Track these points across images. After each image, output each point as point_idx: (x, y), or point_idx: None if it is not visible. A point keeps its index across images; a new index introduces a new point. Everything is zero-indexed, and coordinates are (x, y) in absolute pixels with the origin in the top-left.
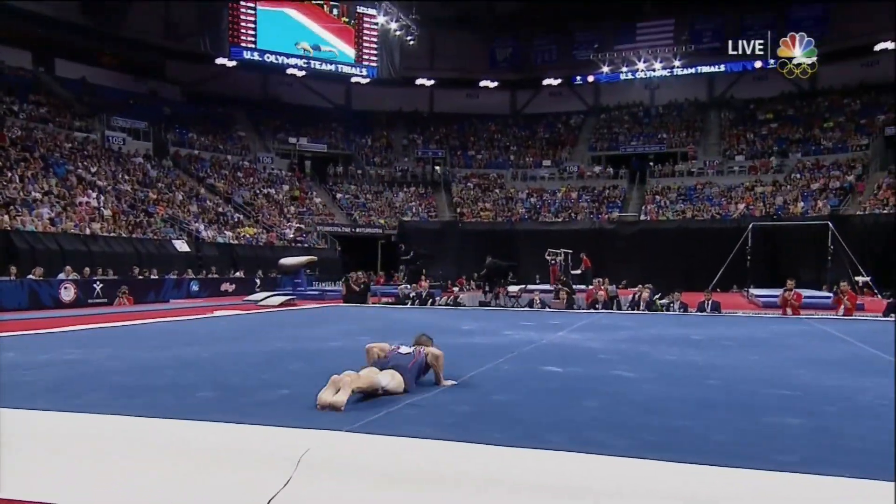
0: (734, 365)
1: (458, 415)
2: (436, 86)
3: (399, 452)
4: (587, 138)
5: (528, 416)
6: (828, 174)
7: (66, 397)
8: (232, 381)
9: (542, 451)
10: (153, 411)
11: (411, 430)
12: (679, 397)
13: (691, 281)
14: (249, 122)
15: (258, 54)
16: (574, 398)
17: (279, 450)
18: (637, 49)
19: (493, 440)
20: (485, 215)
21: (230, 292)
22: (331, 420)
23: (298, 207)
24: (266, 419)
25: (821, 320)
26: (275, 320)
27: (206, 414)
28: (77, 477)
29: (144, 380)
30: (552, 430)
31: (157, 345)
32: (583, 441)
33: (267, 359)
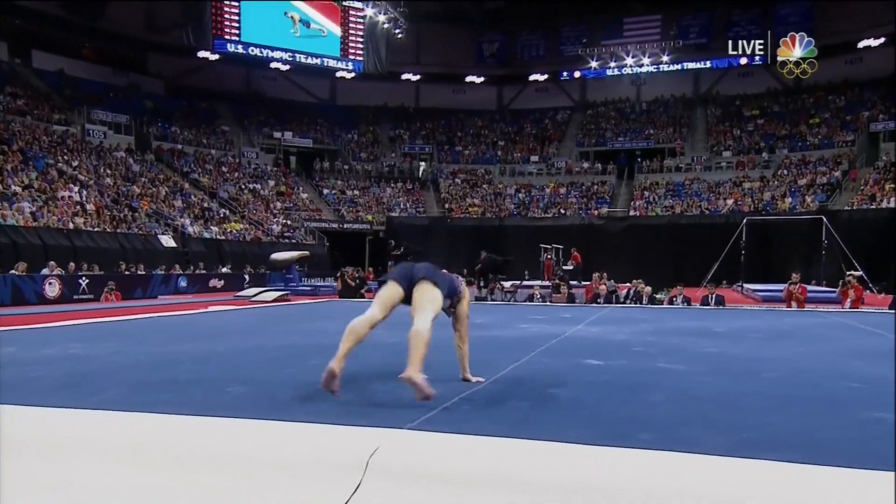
0: (782, 357)
1: (522, 410)
2: (422, 81)
3: (476, 451)
4: (574, 134)
5: (600, 412)
6: (814, 170)
7: (84, 394)
8: (258, 376)
9: (642, 452)
10: (186, 408)
11: (477, 427)
12: (749, 391)
13: (681, 276)
14: (233, 117)
15: (242, 47)
16: (636, 392)
17: (340, 449)
18: (624, 45)
19: (575, 438)
20: (473, 211)
21: (219, 288)
22: (384, 417)
23: (285, 203)
24: (312, 416)
25: (832, 313)
26: (276, 315)
27: (244, 411)
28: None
29: (164, 374)
30: (637, 428)
31: (165, 339)
32: (678, 440)
33: (285, 353)
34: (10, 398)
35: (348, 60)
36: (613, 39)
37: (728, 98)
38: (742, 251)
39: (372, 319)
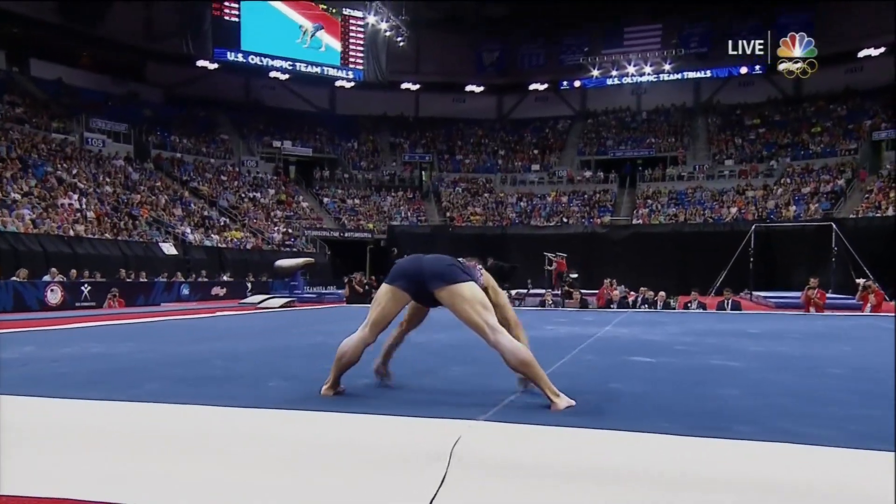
0: (836, 355)
1: (591, 403)
2: (421, 90)
3: (559, 441)
4: (575, 143)
5: (679, 405)
6: (818, 178)
7: (120, 388)
8: (296, 372)
9: (753, 443)
10: (236, 401)
11: (551, 418)
12: (825, 387)
13: (686, 284)
14: (232, 126)
15: (242, 56)
16: (706, 387)
17: (417, 440)
18: (624, 53)
19: (666, 429)
20: (475, 219)
21: (221, 296)
22: (450, 410)
23: (285, 211)
24: (374, 408)
25: (857, 316)
26: (291, 319)
27: (297, 403)
28: (197, 476)
29: (198, 371)
30: (729, 420)
31: (186, 340)
32: (780, 431)
33: (315, 351)
34: (43, 391)
35: (348, 69)
36: (614, 48)
37: (729, 107)
38: (750, 258)
39: (364, 342)
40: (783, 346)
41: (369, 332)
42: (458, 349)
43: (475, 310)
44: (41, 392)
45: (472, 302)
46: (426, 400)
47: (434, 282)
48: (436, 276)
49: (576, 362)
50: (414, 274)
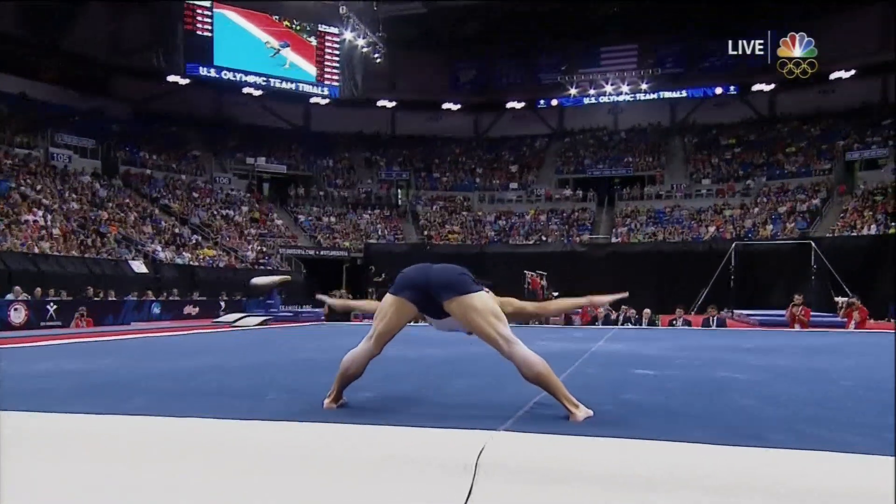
0: (840, 368)
1: (609, 413)
2: (398, 108)
3: (590, 453)
4: (553, 161)
5: (702, 415)
6: (794, 197)
7: (109, 402)
8: (294, 385)
9: (794, 452)
10: (237, 414)
11: (573, 429)
12: (843, 396)
13: (665, 302)
14: (204, 142)
15: (215, 71)
16: (721, 397)
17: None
18: (602, 73)
19: (697, 438)
20: (453, 238)
21: (194, 315)
22: (470, 420)
23: (259, 229)
24: (388, 420)
25: (844, 333)
26: (273, 336)
27: (303, 415)
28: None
29: (186, 385)
30: (759, 428)
31: (164, 356)
32: (819, 439)
33: (307, 365)
34: (26, 406)
35: (323, 86)
36: (590, 68)
37: (704, 127)
38: (731, 276)
39: (369, 355)
40: (784, 360)
41: (374, 344)
42: (456, 363)
43: (488, 321)
44: (24, 407)
45: (485, 313)
46: (438, 413)
47: (444, 293)
48: (445, 287)
49: (579, 375)
50: (422, 284)
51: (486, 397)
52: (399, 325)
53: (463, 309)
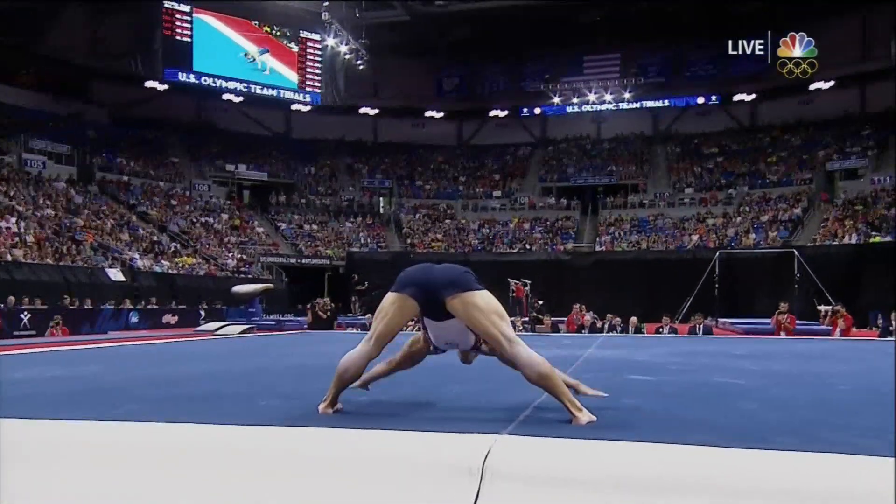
0: (835, 373)
1: (611, 417)
2: (380, 115)
3: (598, 456)
4: (536, 169)
5: (706, 418)
6: (776, 206)
7: (98, 408)
8: (287, 391)
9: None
10: (234, 419)
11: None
12: (843, 400)
13: (649, 311)
14: (183, 148)
15: (194, 77)
16: (722, 401)
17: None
18: (585, 81)
19: (703, 441)
20: (436, 246)
21: (173, 324)
22: (471, 424)
23: (239, 237)
24: (388, 425)
25: (831, 340)
26: (256, 344)
27: (301, 420)
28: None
29: (177, 391)
30: (767, 432)
31: (150, 363)
32: (829, 442)
33: (299, 372)
34: (12, 413)
35: (305, 92)
36: (574, 76)
37: (687, 136)
38: (716, 285)
39: (368, 357)
40: (778, 365)
41: (373, 345)
42: (448, 369)
43: (490, 320)
44: (10, 414)
45: (488, 312)
46: (438, 417)
47: (446, 289)
48: (448, 284)
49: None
50: (424, 281)
51: (484, 403)
52: (400, 324)
53: (465, 306)
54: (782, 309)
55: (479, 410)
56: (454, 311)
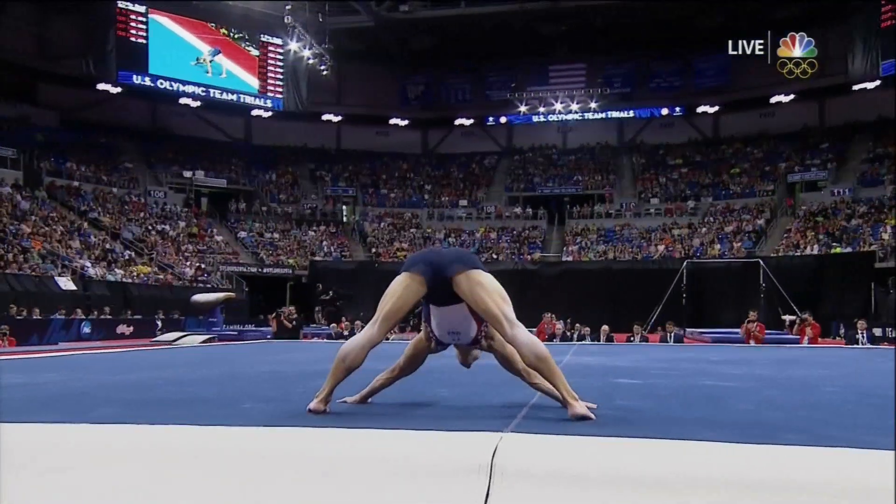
0: (819, 376)
1: (610, 417)
2: (344, 122)
3: (605, 453)
4: (503, 179)
5: (706, 417)
6: (739, 217)
7: (71, 412)
8: (268, 395)
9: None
10: (221, 421)
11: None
12: (837, 401)
13: (617, 320)
14: (138, 153)
15: (150, 80)
16: (719, 402)
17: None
18: (550, 91)
19: (710, 438)
20: (402, 255)
21: (128, 335)
22: (470, 423)
23: (197, 245)
24: (384, 424)
25: (802, 348)
26: (222, 352)
27: (291, 421)
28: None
29: (152, 395)
30: (770, 429)
31: (115, 370)
32: (835, 439)
33: (275, 377)
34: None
35: (266, 98)
36: (539, 86)
37: (652, 147)
38: (683, 294)
39: (371, 342)
40: (760, 370)
41: (378, 328)
42: (435, 373)
43: (493, 300)
44: None
45: (491, 291)
46: (437, 417)
47: (454, 265)
48: (456, 260)
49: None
50: (432, 258)
51: (477, 404)
52: (407, 304)
53: (471, 283)
54: (751, 318)
55: (474, 411)
56: (459, 288)
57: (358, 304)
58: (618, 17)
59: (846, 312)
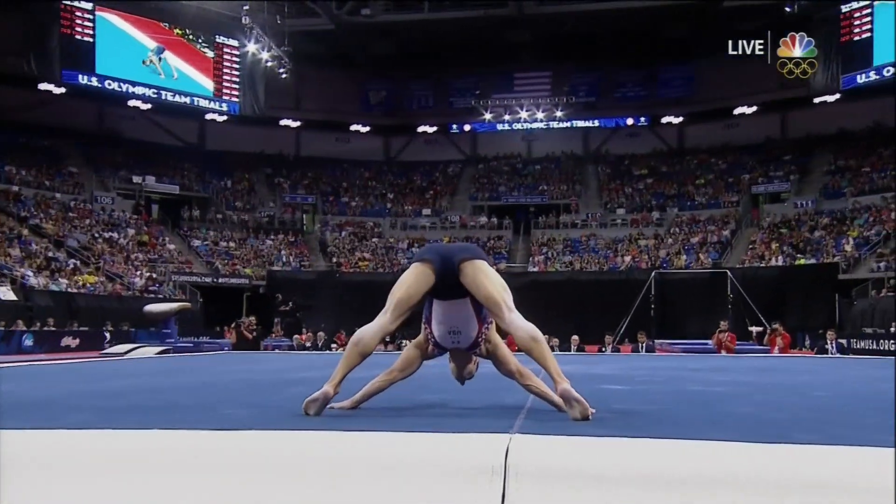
0: (803, 382)
1: (612, 420)
2: (303, 127)
3: (617, 452)
4: (467, 188)
5: (709, 418)
6: (705, 228)
7: (41, 419)
8: (248, 401)
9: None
10: (203, 426)
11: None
12: (834, 404)
13: (584, 331)
14: (83, 158)
15: (97, 80)
16: (720, 405)
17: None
18: (515, 99)
19: (722, 437)
20: (363, 265)
21: (74, 347)
22: (472, 424)
23: (148, 254)
24: (385, 427)
25: (775, 357)
26: (185, 363)
27: (277, 424)
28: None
29: (126, 402)
30: (782, 429)
31: (78, 379)
32: (846, 438)
33: (249, 385)
34: None
35: (222, 101)
36: (504, 93)
37: (617, 157)
38: (651, 305)
39: (383, 329)
40: (744, 377)
41: (391, 315)
42: (420, 380)
43: (495, 287)
44: None
45: (494, 280)
46: (435, 418)
47: (462, 254)
48: (463, 251)
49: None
50: (440, 249)
51: (471, 408)
52: (418, 292)
53: (475, 271)
54: (723, 328)
55: (472, 414)
56: (464, 274)
57: (319, 316)
58: (584, 26)
59: (811, 324)
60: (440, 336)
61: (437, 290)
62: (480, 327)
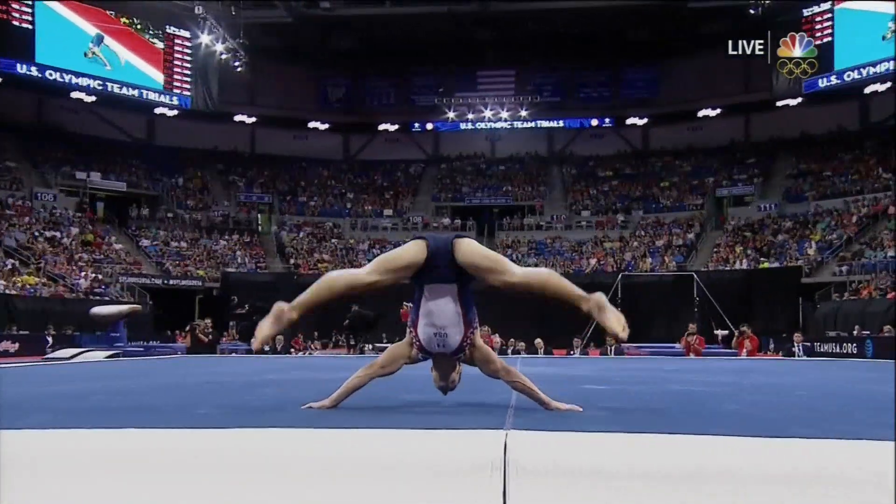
0: (784, 383)
1: (603, 417)
2: (258, 123)
3: (605, 447)
4: (429, 188)
5: (703, 415)
6: (669, 231)
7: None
8: (219, 402)
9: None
10: (184, 424)
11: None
12: (821, 402)
13: (549, 335)
14: (21, 152)
15: (36, 70)
16: (708, 403)
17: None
18: (479, 98)
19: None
20: (322, 267)
21: (12, 352)
22: (465, 420)
23: (93, 254)
24: (378, 424)
25: (742, 360)
26: (141, 366)
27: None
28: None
29: (92, 404)
30: (780, 425)
31: (34, 383)
32: (842, 432)
33: (218, 387)
34: None
35: (172, 95)
36: (467, 92)
37: (582, 158)
38: (618, 308)
39: (357, 278)
40: (722, 378)
41: (369, 270)
42: (397, 381)
43: (495, 254)
44: None
45: (490, 252)
46: (425, 416)
47: (455, 235)
48: (460, 236)
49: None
50: (441, 235)
51: (457, 405)
52: (405, 260)
53: (469, 243)
54: (691, 330)
55: (458, 411)
56: (459, 249)
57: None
58: (548, 25)
59: (775, 327)
60: (426, 339)
61: (427, 272)
62: (466, 331)
